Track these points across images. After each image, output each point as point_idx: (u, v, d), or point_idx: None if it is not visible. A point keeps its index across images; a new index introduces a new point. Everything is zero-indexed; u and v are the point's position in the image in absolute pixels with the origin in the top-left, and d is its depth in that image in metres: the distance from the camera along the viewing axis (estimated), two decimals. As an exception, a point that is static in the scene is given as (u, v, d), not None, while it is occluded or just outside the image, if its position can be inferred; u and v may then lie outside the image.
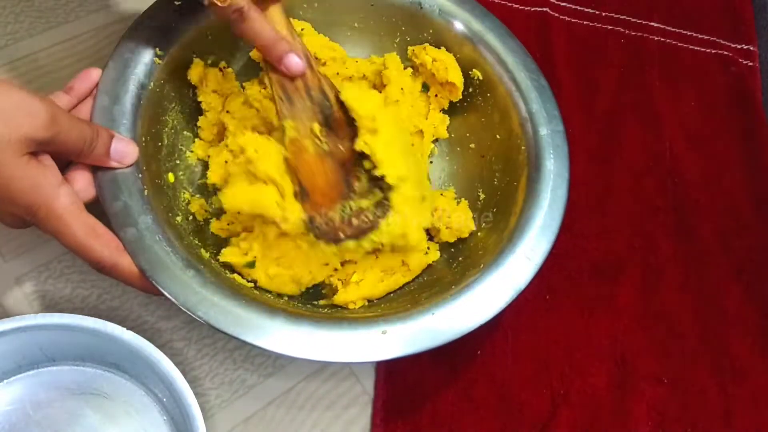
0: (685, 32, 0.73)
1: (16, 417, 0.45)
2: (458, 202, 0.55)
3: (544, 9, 0.71)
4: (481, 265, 0.48)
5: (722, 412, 0.54)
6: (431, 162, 0.59)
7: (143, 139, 0.48)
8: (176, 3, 0.51)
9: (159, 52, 0.50)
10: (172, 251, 0.44)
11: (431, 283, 0.51)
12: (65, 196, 0.42)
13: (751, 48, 0.73)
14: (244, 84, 0.55)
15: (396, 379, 0.51)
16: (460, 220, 0.53)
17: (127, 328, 0.43)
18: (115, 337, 0.43)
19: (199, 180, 0.53)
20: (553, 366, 0.54)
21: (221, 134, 0.54)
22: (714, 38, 0.73)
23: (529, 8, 0.71)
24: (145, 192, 0.45)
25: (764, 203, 0.64)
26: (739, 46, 0.73)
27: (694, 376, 0.55)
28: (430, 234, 0.54)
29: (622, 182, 0.63)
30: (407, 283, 0.52)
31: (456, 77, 0.56)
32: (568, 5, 0.73)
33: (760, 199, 0.64)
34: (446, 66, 0.56)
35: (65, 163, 0.44)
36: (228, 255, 0.49)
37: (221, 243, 0.50)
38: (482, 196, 0.56)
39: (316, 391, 0.50)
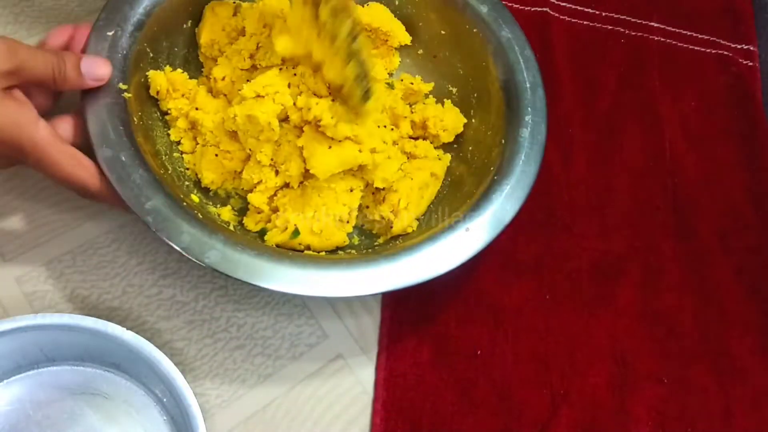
0: (685, 32, 0.73)
1: (16, 417, 0.45)
2: (443, 104, 0.58)
3: (544, 9, 0.71)
4: (496, 149, 0.54)
5: (722, 412, 0.54)
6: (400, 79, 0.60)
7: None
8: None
9: (123, 86, 0.49)
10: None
11: (458, 182, 0.56)
12: (44, 129, 0.43)
13: (751, 48, 0.73)
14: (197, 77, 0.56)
15: (396, 379, 0.51)
16: (451, 118, 0.57)
17: (127, 328, 0.43)
18: (115, 337, 0.43)
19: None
20: (553, 366, 0.54)
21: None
22: (714, 38, 0.73)
23: (529, 8, 0.71)
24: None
25: (764, 203, 0.64)
26: (739, 46, 0.73)
27: (694, 376, 0.55)
28: (430, 140, 0.58)
29: (622, 182, 0.63)
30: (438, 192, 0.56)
31: None
32: (568, 5, 0.73)
33: (760, 199, 0.64)
34: None
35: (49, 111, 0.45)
36: (272, 238, 0.50)
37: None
38: (454, 90, 0.59)
39: (316, 391, 0.50)
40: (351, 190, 0.52)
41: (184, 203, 0.47)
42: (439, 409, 0.51)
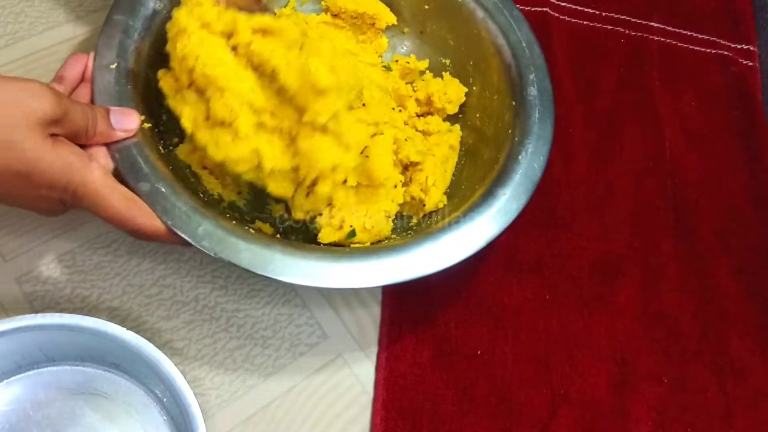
0: (685, 32, 0.73)
1: (16, 417, 0.45)
2: (441, 78, 0.58)
3: (544, 9, 0.71)
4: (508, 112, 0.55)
5: (722, 412, 0.54)
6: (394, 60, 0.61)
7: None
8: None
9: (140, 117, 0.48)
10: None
11: (473, 151, 0.57)
12: (97, 170, 0.43)
13: (751, 48, 0.73)
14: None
15: (396, 379, 0.51)
16: (454, 90, 0.58)
17: (127, 328, 0.43)
18: (115, 337, 0.43)
19: None
20: (553, 366, 0.54)
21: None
22: (714, 38, 0.73)
23: (529, 8, 0.71)
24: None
25: (764, 203, 0.64)
26: (739, 46, 0.73)
27: (694, 376, 0.55)
28: (432, 113, 0.58)
29: (622, 182, 0.63)
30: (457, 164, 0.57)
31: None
32: (568, 5, 0.73)
33: (760, 199, 0.64)
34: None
35: None
36: (327, 237, 0.50)
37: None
38: (448, 62, 0.60)
39: (316, 391, 0.50)
40: (395, 186, 0.52)
41: (232, 222, 0.47)
42: (439, 409, 0.51)
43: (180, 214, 0.44)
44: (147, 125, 0.48)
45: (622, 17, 0.73)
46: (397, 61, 0.60)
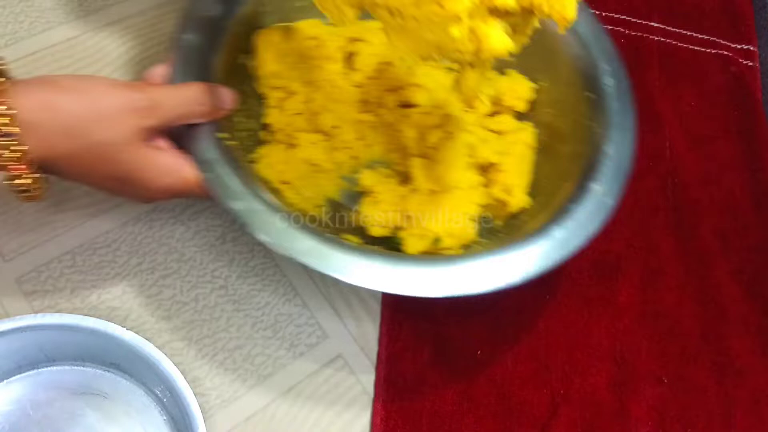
0: (685, 32, 0.73)
1: (15, 417, 0.45)
2: (505, 74, 0.57)
3: (544, 9, 0.71)
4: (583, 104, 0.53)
5: (722, 412, 0.54)
6: None
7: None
8: None
9: (223, 135, 0.49)
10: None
11: (548, 147, 0.55)
12: (191, 167, 0.45)
13: (751, 48, 0.73)
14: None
15: (396, 379, 0.51)
16: (522, 86, 0.57)
17: (127, 328, 0.43)
18: (115, 337, 0.43)
19: None
20: (553, 366, 0.54)
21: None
22: (714, 38, 0.73)
23: (529, 8, 0.71)
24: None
25: (764, 203, 0.64)
26: (739, 46, 0.73)
27: (694, 376, 0.55)
28: (500, 112, 0.57)
29: (622, 182, 0.63)
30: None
31: None
32: (568, 5, 0.72)
33: (760, 199, 0.64)
34: None
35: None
36: (413, 248, 0.50)
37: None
38: (511, 59, 0.59)
39: (316, 391, 0.50)
40: (473, 188, 0.52)
41: (342, 238, 0.47)
42: (439, 409, 0.51)
43: (278, 232, 0.44)
44: (233, 143, 0.48)
45: (622, 17, 0.73)
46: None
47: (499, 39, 0.38)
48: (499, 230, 0.53)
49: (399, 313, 0.53)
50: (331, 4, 0.43)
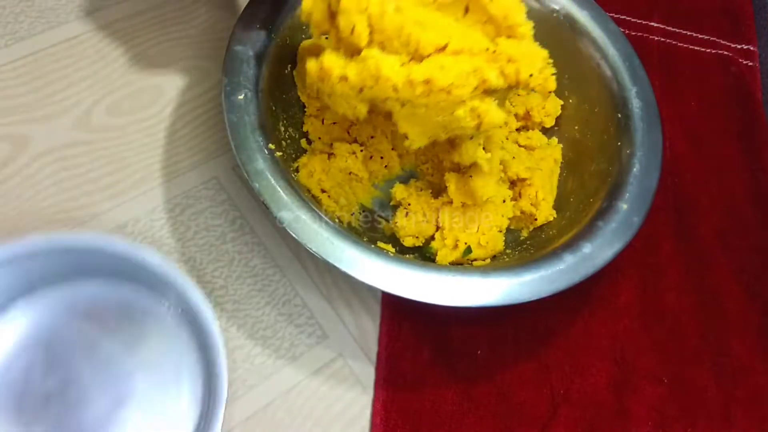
0: (685, 32, 0.73)
1: (27, 341, 0.45)
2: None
3: (544, 9, 0.71)
4: (612, 124, 0.55)
5: (722, 412, 0.54)
6: None
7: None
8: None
9: (272, 146, 0.50)
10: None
11: (573, 164, 0.57)
12: None
13: (751, 48, 0.73)
14: None
15: (396, 379, 0.51)
16: (551, 103, 0.59)
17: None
18: (139, 259, 0.43)
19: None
20: (553, 366, 0.54)
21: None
22: (714, 38, 0.73)
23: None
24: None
25: (764, 203, 0.64)
26: (739, 46, 0.73)
27: (694, 376, 0.55)
28: (528, 127, 0.59)
29: (622, 182, 0.63)
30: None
31: None
32: (568, 5, 0.72)
33: (760, 199, 0.64)
34: None
35: None
36: (445, 258, 0.51)
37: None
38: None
39: (316, 391, 0.50)
40: (504, 201, 0.53)
41: (374, 246, 0.48)
42: (439, 409, 0.51)
43: (324, 241, 0.46)
44: (279, 153, 0.49)
45: (622, 17, 0.73)
46: None
47: (496, 113, 0.44)
48: (524, 241, 0.55)
49: (399, 313, 0.53)
50: (344, 102, 0.45)
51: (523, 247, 0.54)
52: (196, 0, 0.65)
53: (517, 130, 0.59)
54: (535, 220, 0.55)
